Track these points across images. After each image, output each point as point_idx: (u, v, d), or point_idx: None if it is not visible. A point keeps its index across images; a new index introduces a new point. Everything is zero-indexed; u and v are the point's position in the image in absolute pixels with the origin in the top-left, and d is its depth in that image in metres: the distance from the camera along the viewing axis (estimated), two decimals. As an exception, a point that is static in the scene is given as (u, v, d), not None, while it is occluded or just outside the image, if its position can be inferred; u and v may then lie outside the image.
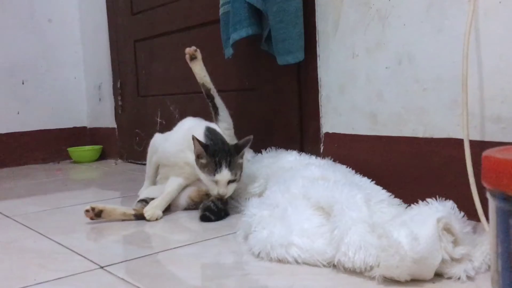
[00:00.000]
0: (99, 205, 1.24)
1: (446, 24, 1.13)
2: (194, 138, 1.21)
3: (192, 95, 1.99)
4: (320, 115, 1.47)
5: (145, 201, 1.31)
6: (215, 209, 1.23)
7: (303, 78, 1.54)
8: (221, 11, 1.60)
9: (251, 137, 1.26)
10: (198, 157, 1.24)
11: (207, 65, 1.38)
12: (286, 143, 1.55)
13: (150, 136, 1.51)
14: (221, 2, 1.59)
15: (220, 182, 1.21)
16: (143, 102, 2.36)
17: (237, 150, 1.24)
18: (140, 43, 2.35)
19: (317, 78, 1.47)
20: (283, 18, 1.41)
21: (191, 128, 1.33)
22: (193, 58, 1.35)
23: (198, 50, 1.36)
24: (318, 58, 1.47)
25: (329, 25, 1.43)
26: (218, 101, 1.37)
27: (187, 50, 1.35)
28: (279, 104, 1.63)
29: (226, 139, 1.30)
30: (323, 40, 1.45)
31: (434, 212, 0.79)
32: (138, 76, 2.38)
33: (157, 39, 2.23)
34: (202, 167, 1.23)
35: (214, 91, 1.36)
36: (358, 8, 1.34)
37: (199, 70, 1.35)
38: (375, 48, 1.30)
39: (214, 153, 1.21)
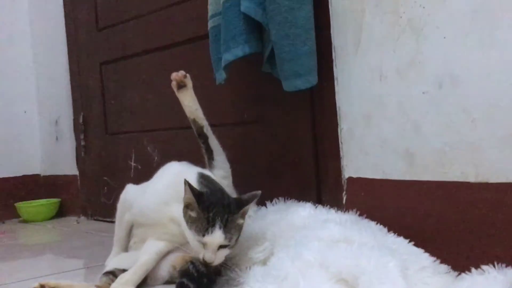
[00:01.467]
0: (50, 282, 1.22)
1: (498, 36, 1.15)
2: (186, 182, 1.21)
3: (177, 132, 2.00)
4: (341, 155, 1.48)
5: (113, 274, 1.30)
6: (194, 274, 1.22)
7: (318, 108, 1.56)
8: (210, 24, 1.63)
9: (259, 192, 1.25)
10: (187, 207, 1.24)
11: (195, 93, 1.39)
12: (298, 192, 1.55)
13: (123, 185, 1.52)
14: (209, 13, 1.62)
15: (208, 245, 1.20)
16: (113, 141, 2.37)
17: (239, 206, 1.24)
18: (108, 66, 2.38)
19: (335, 107, 1.49)
20: (289, 31, 1.43)
21: (179, 173, 1.33)
22: (181, 86, 1.36)
23: (188, 76, 1.37)
24: (335, 82, 1.49)
25: (348, 40, 1.45)
26: (213, 142, 1.38)
27: (174, 75, 1.36)
28: (288, 141, 1.64)
29: (223, 190, 1.32)
30: (342, 58, 1.47)
31: (492, 285, 0.78)
32: (106, 108, 2.40)
33: (130, 61, 2.26)
34: (190, 221, 1.22)
35: (208, 129, 1.37)
36: (384, 18, 1.36)
37: (190, 102, 1.37)
38: (408, 68, 1.31)
39: (208, 206, 1.20)
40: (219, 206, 1.21)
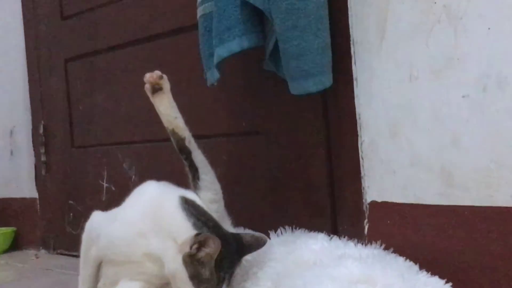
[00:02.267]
0: None
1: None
2: (212, 238, 1.20)
3: (161, 144, 1.97)
4: (362, 173, 1.49)
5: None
6: None
7: (333, 115, 1.56)
8: (199, 12, 1.63)
9: (266, 239, 1.29)
10: (197, 261, 1.23)
11: (180, 97, 1.39)
12: (309, 220, 1.56)
13: (93, 210, 1.50)
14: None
15: None
16: (80, 156, 2.37)
17: (240, 252, 1.27)
18: (75, 63, 2.38)
19: (354, 115, 1.50)
20: (298, 22, 1.43)
21: (158, 197, 1.34)
22: (156, 89, 1.36)
23: (165, 76, 1.36)
24: (355, 83, 1.49)
25: (370, 31, 1.45)
26: (198, 157, 1.38)
27: (148, 77, 1.36)
28: (296, 157, 1.64)
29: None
30: (362, 54, 1.47)
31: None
32: (73, 115, 2.40)
33: (103, 56, 2.26)
34: (198, 280, 1.22)
35: (191, 142, 1.37)
36: (415, 4, 1.36)
37: (167, 109, 1.37)
38: (445, 66, 1.31)
39: (221, 261, 1.22)
40: (227, 257, 1.23)
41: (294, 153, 1.65)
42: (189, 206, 1.30)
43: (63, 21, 2.42)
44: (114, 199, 1.53)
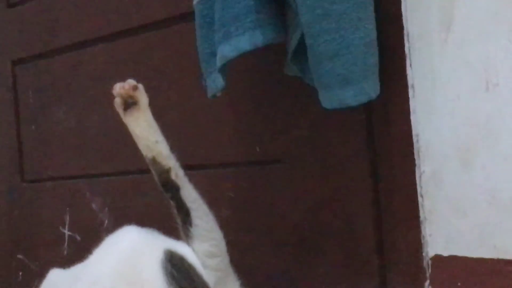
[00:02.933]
0: None
1: None
2: None
3: (142, 177, 1.97)
4: (421, 217, 1.49)
5: None
6: None
7: (381, 137, 1.57)
8: (195, -2, 1.65)
9: None
10: None
11: (168, 112, 1.46)
12: (348, 279, 1.57)
13: (49, 266, 1.52)
14: (195, -20, 1.64)
15: None
16: (33, 193, 2.38)
17: None
18: (25, 66, 2.40)
19: (410, 136, 1.50)
20: (331, 8, 1.43)
21: (135, 252, 1.37)
22: (130, 104, 1.38)
23: (140, 87, 1.38)
24: (410, 93, 1.50)
25: (432, 22, 1.45)
26: (190, 194, 1.40)
27: (118, 88, 1.38)
28: (330, 193, 1.64)
29: (210, 279, 1.32)
30: (421, 53, 1.47)
31: None
32: (22, 137, 2.41)
33: (63, 57, 2.27)
34: None
35: (178, 174, 1.39)
36: (493, -16, 1.36)
37: (144, 131, 1.39)
38: (535, 70, 1.31)
39: None
40: None
41: (327, 188, 1.65)
42: (174, 267, 1.31)
43: (10, 9, 2.44)
44: (78, 252, 1.55)
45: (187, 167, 1.36)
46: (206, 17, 1.60)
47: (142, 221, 1.52)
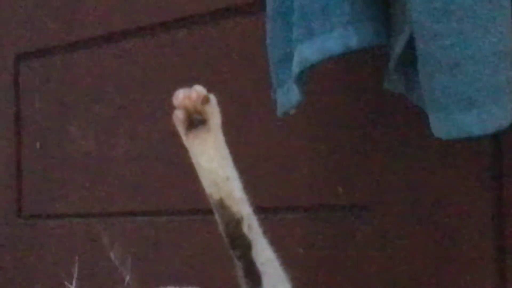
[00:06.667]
0: None
1: None
2: None
3: (181, 220, 1.90)
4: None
5: None
6: None
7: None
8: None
9: None
10: None
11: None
12: None
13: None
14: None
15: None
16: (32, 233, 2.26)
17: None
18: (32, 62, 2.26)
19: None
20: (452, 3, 1.33)
21: None
22: (197, 122, 1.26)
23: (212, 98, 1.26)
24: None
25: None
26: (264, 255, 1.28)
27: (181, 97, 1.24)
28: (437, 248, 1.50)
29: None
30: None
31: None
32: (23, 157, 2.26)
33: (82, 54, 2.13)
34: None
35: (253, 227, 1.28)
36: None
37: (211, 160, 1.29)
38: None
39: None
40: None
41: (434, 245, 1.51)
42: None
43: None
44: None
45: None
46: (280, 8, 1.49)
47: (179, 282, 1.45)
